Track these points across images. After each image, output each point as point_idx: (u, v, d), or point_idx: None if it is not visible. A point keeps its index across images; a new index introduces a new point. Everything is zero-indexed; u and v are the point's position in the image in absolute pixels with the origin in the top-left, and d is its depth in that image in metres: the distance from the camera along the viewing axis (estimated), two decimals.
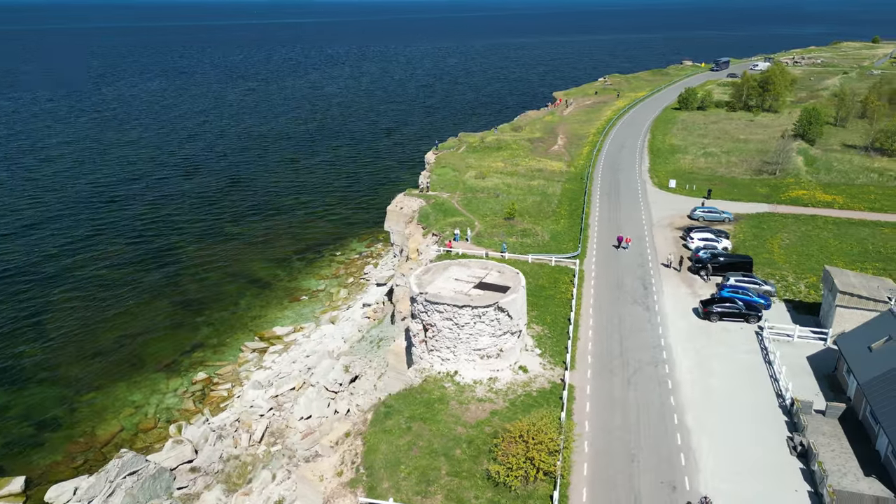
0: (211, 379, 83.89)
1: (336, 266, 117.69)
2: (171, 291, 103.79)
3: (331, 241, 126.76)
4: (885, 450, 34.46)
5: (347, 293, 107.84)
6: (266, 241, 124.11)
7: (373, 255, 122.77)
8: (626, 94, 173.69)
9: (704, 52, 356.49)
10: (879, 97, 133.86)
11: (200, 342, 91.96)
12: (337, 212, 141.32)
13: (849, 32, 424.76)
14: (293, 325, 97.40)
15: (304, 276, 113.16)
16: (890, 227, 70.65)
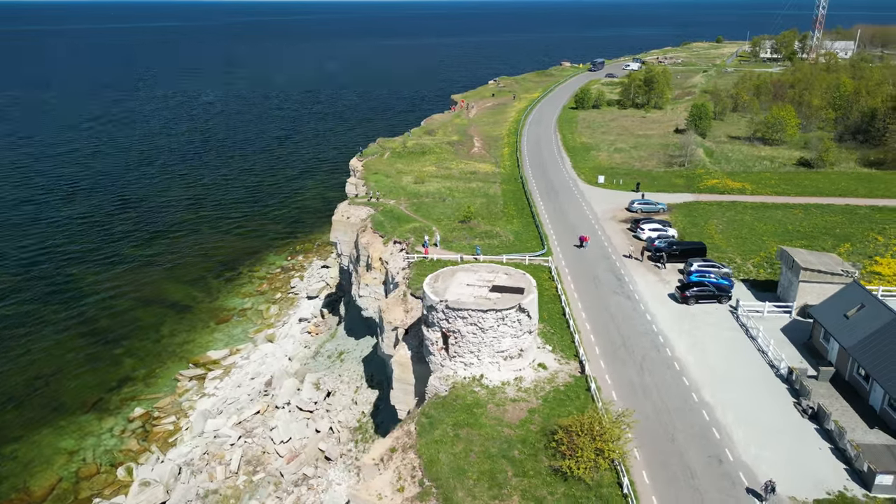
0: (150, 414, 78.73)
1: (258, 282, 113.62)
2: (78, 325, 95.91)
3: (245, 257, 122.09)
4: (880, 403, 39.59)
5: (278, 309, 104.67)
6: (173, 262, 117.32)
7: (295, 267, 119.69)
8: (521, 95, 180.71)
9: (571, 54, 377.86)
10: (746, 92, 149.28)
11: (126, 376, 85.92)
12: (244, 225, 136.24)
13: (693, 34, 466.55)
14: (228, 348, 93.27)
15: (226, 296, 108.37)
16: (798, 208, 79.69)
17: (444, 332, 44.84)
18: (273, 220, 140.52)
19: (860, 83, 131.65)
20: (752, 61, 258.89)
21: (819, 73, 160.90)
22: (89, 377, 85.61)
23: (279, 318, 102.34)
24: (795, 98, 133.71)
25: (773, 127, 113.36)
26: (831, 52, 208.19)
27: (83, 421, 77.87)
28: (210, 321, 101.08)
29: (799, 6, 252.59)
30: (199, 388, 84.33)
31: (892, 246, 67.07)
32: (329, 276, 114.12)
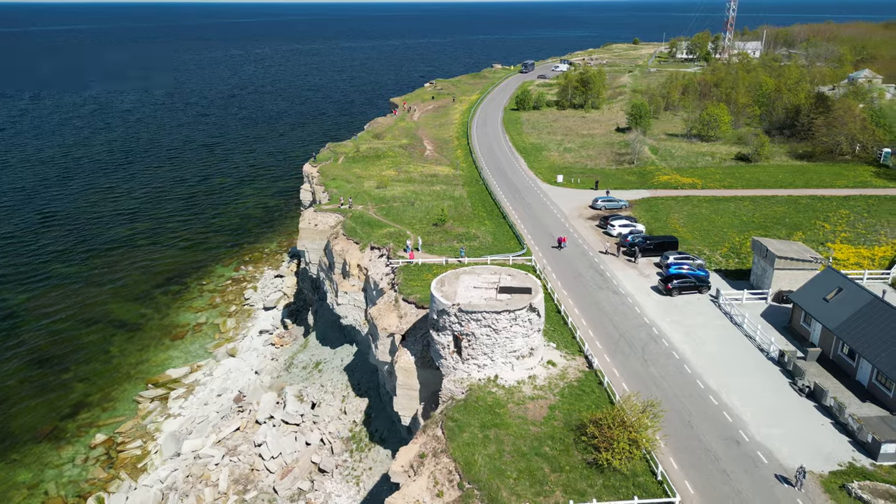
0: (113, 440, 75.39)
1: (209, 295, 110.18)
2: (19, 352, 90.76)
3: (191, 270, 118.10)
4: (868, 378, 43.00)
5: (236, 322, 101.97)
6: (113, 280, 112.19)
7: (246, 278, 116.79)
8: (459, 97, 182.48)
9: (496, 56, 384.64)
10: (676, 91, 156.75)
11: (80, 402, 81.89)
12: (185, 237, 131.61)
13: (611, 35, 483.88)
14: (188, 365, 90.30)
15: (177, 311, 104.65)
16: (747, 200, 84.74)
17: (457, 335, 45.17)
18: (215, 230, 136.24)
19: (780, 81, 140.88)
20: (670, 61, 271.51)
21: (737, 72, 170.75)
22: (39, 406, 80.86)
23: (238, 332, 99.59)
24: (722, 96, 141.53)
25: (709, 124, 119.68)
26: (744, 52, 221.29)
27: (39, 452, 73.49)
28: (163, 338, 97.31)
29: (710, 8, 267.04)
30: (162, 408, 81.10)
31: (839, 232, 72.51)
32: (285, 286, 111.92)
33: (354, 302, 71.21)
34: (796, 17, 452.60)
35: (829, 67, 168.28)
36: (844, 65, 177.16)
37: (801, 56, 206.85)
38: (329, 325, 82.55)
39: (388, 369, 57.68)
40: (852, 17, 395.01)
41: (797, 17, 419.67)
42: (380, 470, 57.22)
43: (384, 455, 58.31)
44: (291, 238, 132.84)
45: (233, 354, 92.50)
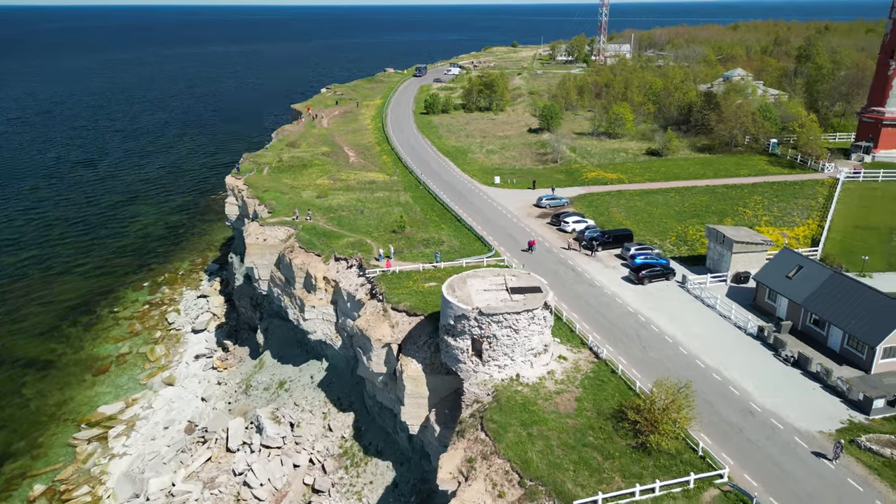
0: (55, 489, 69.85)
1: (126, 323, 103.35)
2: None
3: (97, 298, 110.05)
4: (839, 344, 48.66)
5: (165, 349, 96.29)
6: (9, 315, 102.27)
7: (165, 301, 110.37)
8: (363, 103, 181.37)
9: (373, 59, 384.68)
10: (574, 92, 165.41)
11: (4, 452, 74.73)
12: (82, 263, 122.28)
13: (489, 38, 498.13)
14: (122, 400, 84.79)
15: (93, 343, 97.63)
16: (672, 191, 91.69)
17: (477, 338, 45.90)
18: (115, 252, 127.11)
19: (666, 81, 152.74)
20: (552, 63, 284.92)
21: (626, 73, 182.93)
22: None
23: (170, 359, 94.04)
24: (618, 96, 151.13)
25: (615, 122, 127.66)
26: (622, 55, 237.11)
27: None
28: (84, 374, 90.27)
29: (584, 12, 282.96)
30: (103, 449, 75.43)
31: (760, 216, 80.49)
32: (213, 306, 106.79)
33: (323, 316, 69.54)
34: (656, 20, 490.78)
35: (704, 67, 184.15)
36: (714, 65, 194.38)
37: (671, 57, 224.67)
38: (286, 342, 79.80)
39: (384, 380, 57.16)
40: (704, 21, 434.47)
41: (656, 21, 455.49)
42: (382, 482, 56.57)
43: (384, 467, 57.67)
44: (206, 255, 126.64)
45: (170, 383, 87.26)
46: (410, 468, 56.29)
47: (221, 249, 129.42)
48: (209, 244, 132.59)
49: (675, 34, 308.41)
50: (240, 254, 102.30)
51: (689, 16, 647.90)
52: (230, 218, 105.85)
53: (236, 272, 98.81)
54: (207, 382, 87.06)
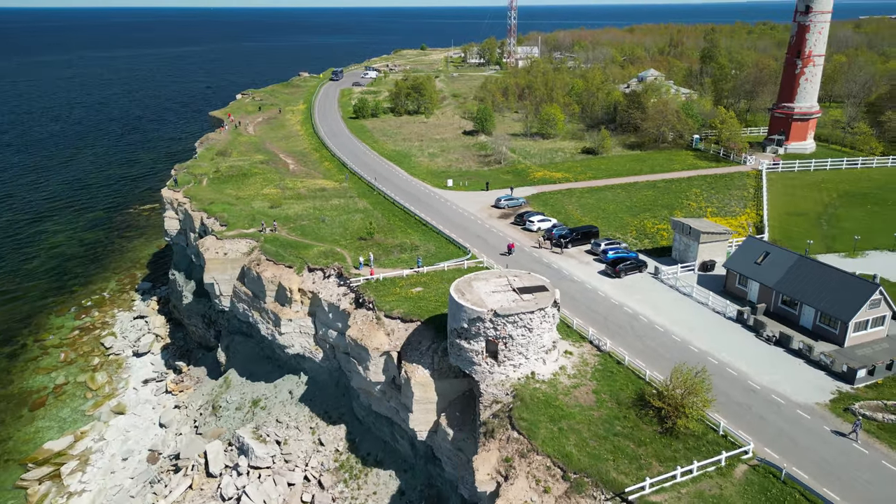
0: None
1: (56, 351, 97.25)
2: None
3: (18, 326, 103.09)
4: (812, 322, 53.13)
5: (107, 376, 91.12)
6: None
7: (95, 325, 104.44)
8: (286, 108, 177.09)
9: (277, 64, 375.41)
10: (499, 94, 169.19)
11: None
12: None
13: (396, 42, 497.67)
14: (69, 434, 79.66)
15: (22, 376, 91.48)
16: (618, 187, 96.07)
17: (492, 339, 46.59)
18: (28, 276, 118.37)
19: (587, 82, 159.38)
20: (464, 66, 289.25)
21: (541, 74, 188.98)
22: None
23: (114, 386, 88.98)
24: (543, 97, 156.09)
25: (547, 123, 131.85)
26: (536, 58, 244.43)
27: None
28: (20, 410, 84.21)
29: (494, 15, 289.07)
30: (58, 488, 70.83)
31: (705, 208, 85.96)
32: (154, 327, 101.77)
33: (301, 329, 67.86)
34: (558, 23, 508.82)
35: (617, 68, 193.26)
36: (626, 66, 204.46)
37: (582, 59, 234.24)
38: (253, 359, 77.12)
39: (382, 389, 56.66)
40: (602, 24, 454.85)
41: (558, 24, 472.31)
42: (387, 492, 56.04)
43: (386, 476, 57.14)
44: (132, 273, 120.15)
45: (120, 412, 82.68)
46: (415, 474, 56.12)
47: (150, 266, 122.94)
48: (134, 262, 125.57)
49: (578, 37, 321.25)
50: (183, 270, 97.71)
51: (587, 19, 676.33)
52: (169, 233, 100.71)
53: (182, 289, 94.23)
54: (163, 407, 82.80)
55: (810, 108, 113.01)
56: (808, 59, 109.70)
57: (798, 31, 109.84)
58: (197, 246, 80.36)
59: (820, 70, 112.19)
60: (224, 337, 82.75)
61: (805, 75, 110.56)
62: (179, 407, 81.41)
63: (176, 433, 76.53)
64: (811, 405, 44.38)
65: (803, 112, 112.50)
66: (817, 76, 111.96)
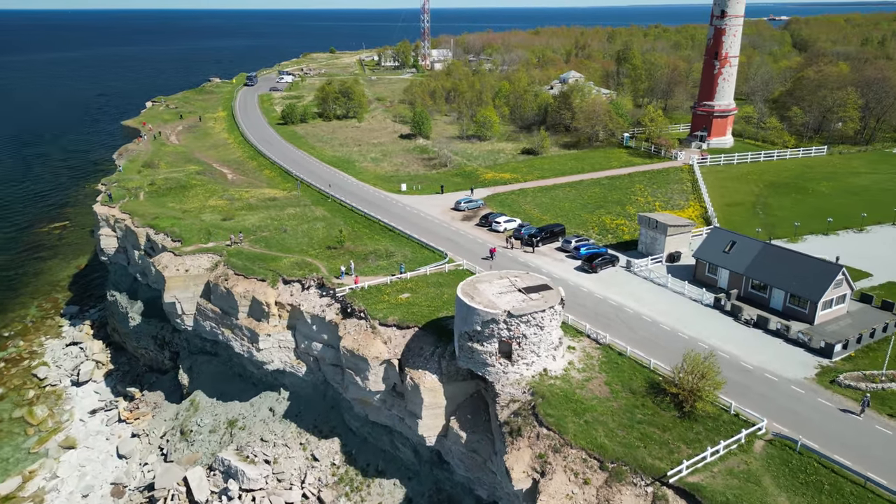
0: None
1: None
2: None
3: None
4: (782, 304, 57.52)
5: (47, 409, 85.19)
6: None
7: (22, 356, 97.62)
8: (205, 115, 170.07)
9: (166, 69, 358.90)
10: (427, 97, 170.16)
11: None
12: None
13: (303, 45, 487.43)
14: (17, 475, 74.36)
15: None
16: (567, 186, 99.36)
17: (506, 340, 47.36)
18: None
19: (514, 85, 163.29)
20: (380, 69, 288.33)
21: (464, 77, 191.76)
22: None
23: (57, 419, 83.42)
24: (473, 100, 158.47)
25: (484, 125, 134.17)
26: (453, 60, 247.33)
27: None
28: None
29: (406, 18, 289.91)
30: None
31: (653, 203, 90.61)
32: (92, 353, 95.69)
33: (280, 343, 65.83)
34: (465, 26, 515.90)
35: (537, 71, 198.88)
36: (545, 68, 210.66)
37: (499, 61, 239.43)
38: (222, 378, 74.00)
39: (382, 398, 56.10)
40: (508, 26, 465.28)
41: (465, 27, 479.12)
42: (392, 501, 55.56)
43: (390, 485, 56.57)
44: (54, 297, 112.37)
45: (71, 446, 77.57)
46: (421, 480, 55.93)
47: (73, 289, 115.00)
48: (53, 284, 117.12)
49: (488, 40, 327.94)
50: (125, 290, 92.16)
51: (493, 21, 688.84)
52: (106, 252, 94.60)
53: (128, 311, 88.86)
54: (118, 437, 78.03)
55: (728, 106, 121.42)
56: (724, 60, 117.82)
57: (715, 34, 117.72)
58: (151, 264, 76.00)
59: (735, 70, 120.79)
60: (185, 358, 78.69)
61: (723, 75, 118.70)
62: (139, 435, 76.84)
63: (140, 463, 72.24)
64: (801, 380, 48.14)
65: (722, 109, 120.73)
66: (733, 76, 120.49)
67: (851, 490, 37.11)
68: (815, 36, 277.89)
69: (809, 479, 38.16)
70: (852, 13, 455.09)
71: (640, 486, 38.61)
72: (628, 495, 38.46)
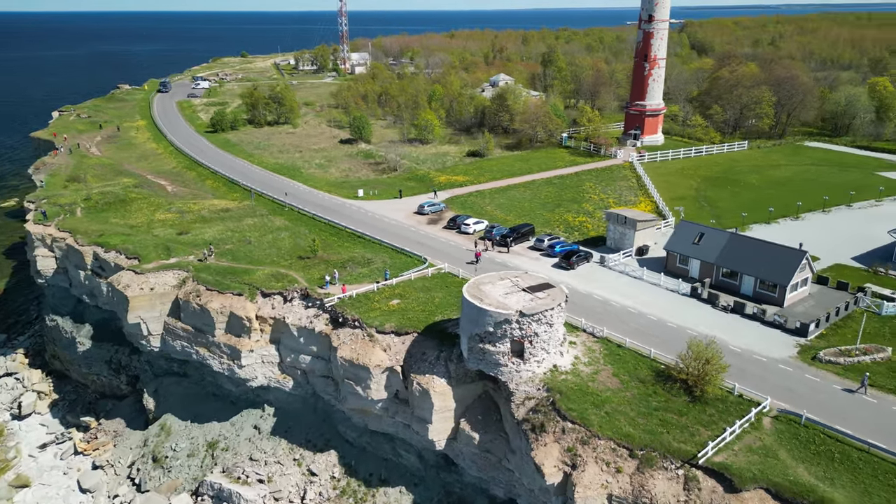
0: None
1: None
2: None
3: None
4: (752, 289, 61.61)
5: None
6: None
7: None
8: (124, 125, 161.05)
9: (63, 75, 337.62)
10: (361, 101, 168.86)
11: None
12: None
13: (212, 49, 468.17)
14: None
15: None
16: (521, 186, 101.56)
17: (517, 339, 48.26)
18: None
19: (447, 88, 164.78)
20: (299, 73, 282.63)
21: (391, 81, 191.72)
22: None
23: (3, 457, 77.25)
24: (409, 103, 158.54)
25: (425, 129, 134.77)
26: (377, 64, 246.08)
27: None
28: None
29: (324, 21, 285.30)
30: None
31: (605, 199, 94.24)
32: (30, 383, 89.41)
33: (263, 358, 63.76)
34: (380, 29, 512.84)
35: (465, 74, 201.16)
36: (473, 71, 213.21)
37: (423, 65, 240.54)
38: (194, 399, 70.78)
39: (384, 406, 55.59)
40: (422, 29, 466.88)
41: (380, 30, 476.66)
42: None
43: (396, 493, 56.13)
44: None
45: (24, 484, 72.76)
46: (428, 485, 55.86)
47: None
48: None
49: (404, 43, 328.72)
50: (68, 314, 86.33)
51: (408, 24, 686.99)
52: (43, 274, 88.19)
53: (75, 336, 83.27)
54: (78, 471, 73.13)
55: (658, 105, 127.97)
56: (653, 61, 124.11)
57: (644, 37, 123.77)
58: (108, 284, 71.43)
59: (663, 71, 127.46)
60: (148, 381, 74.53)
61: (653, 76, 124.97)
62: (102, 467, 72.29)
63: (110, 496, 68.07)
64: (786, 359, 51.87)
65: (654, 108, 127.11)
66: (662, 76, 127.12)
67: (859, 456, 40.51)
68: (710, 38, 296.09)
69: (819, 449, 41.32)
70: (740, 16, 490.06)
71: (671, 470, 40.49)
72: (661, 479, 40.24)
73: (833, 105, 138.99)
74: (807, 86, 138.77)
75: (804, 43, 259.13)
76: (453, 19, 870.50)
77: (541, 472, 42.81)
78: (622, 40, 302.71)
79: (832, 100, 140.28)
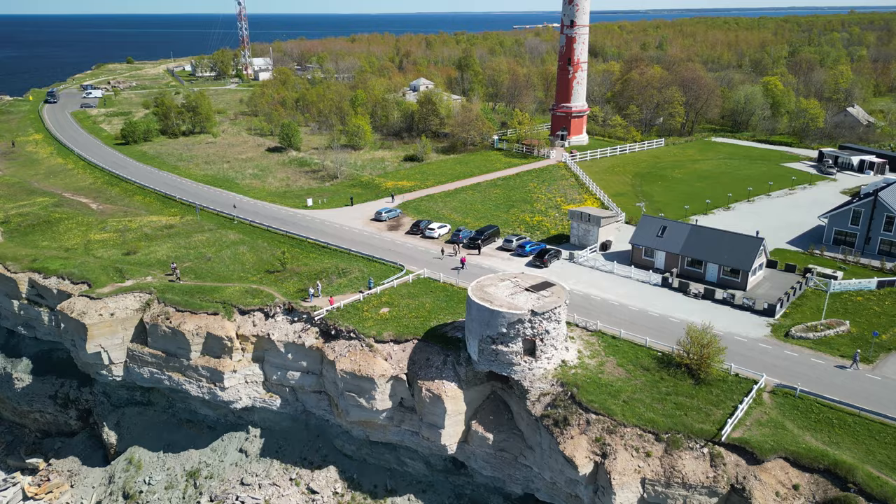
0: None
1: None
2: None
3: None
4: (716, 276, 66.25)
5: None
6: None
7: None
8: (15, 138, 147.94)
9: None
10: (281, 108, 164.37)
11: None
12: None
13: (59, 55, 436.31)
14: None
15: None
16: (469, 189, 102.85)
17: (529, 338, 49.46)
18: None
19: (369, 94, 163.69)
20: (198, 79, 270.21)
21: (310, 87, 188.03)
22: None
23: None
24: (332, 109, 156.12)
25: (356, 134, 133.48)
26: (285, 69, 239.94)
27: None
28: None
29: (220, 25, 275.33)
30: None
31: (552, 198, 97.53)
32: None
33: (247, 378, 61.19)
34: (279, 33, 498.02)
35: (384, 79, 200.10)
36: (390, 76, 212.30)
37: (334, 70, 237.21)
38: (163, 428, 66.83)
39: (388, 416, 55.06)
40: (322, 34, 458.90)
41: (278, 34, 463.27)
42: None
43: (404, 502, 55.62)
44: None
45: None
46: (437, 490, 55.85)
47: None
48: None
49: (304, 47, 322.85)
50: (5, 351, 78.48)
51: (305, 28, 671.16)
52: None
53: (12, 371, 75.96)
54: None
55: (582, 107, 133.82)
56: (577, 65, 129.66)
57: (567, 42, 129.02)
58: (61, 312, 65.67)
59: (586, 74, 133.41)
60: (107, 414, 69.30)
61: (577, 79, 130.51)
62: (95, 489, 66.49)
63: None
64: (763, 338, 56.32)
65: (578, 110, 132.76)
66: (584, 79, 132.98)
67: (853, 421, 44.84)
68: (602, 42, 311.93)
69: (819, 417, 45.38)
70: (622, 21, 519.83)
71: (697, 449, 43.06)
72: (689, 459, 42.69)
73: (733, 103, 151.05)
74: (710, 86, 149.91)
75: (686, 46, 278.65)
76: (348, 23, 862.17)
77: (573, 464, 44.09)
78: (520, 44, 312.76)
79: (732, 98, 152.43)
